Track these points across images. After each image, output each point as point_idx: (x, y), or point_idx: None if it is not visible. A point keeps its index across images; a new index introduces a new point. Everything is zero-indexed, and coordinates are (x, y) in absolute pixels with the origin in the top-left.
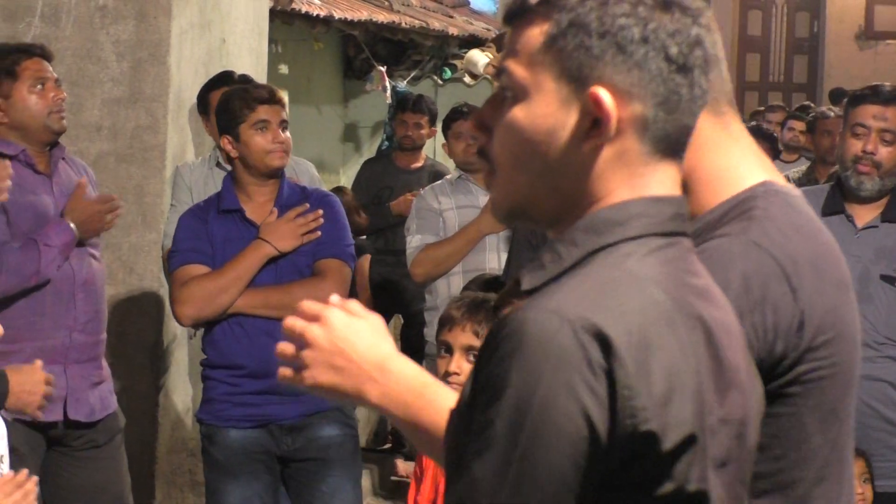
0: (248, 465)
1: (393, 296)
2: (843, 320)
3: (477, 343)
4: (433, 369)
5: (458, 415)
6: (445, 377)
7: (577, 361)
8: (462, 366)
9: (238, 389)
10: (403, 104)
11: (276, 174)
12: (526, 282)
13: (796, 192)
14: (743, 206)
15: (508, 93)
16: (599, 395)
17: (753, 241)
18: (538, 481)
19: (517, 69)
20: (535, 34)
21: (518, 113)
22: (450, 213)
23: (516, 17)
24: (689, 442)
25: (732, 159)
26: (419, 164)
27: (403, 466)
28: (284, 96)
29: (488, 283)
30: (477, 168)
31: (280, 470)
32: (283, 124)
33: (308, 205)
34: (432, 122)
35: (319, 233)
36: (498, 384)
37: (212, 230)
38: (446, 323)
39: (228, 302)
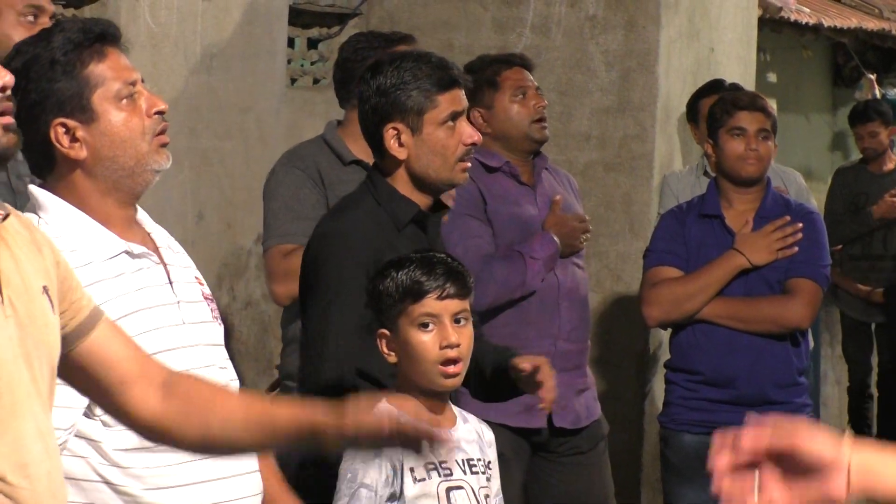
0: (703, 470)
1: None
2: None
3: None
4: None
5: None
6: None
7: None
8: None
9: (694, 395)
10: (852, 118)
11: (751, 182)
12: None
13: None
14: None
15: None
16: None
17: None
18: None
19: None
20: None
21: None
22: None
23: None
24: None
25: None
26: (892, 167)
27: None
28: (772, 106)
29: None
30: None
31: None
32: (763, 133)
33: (788, 218)
34: (888, 123)
35: (796, 249)
36: None
37: (689, 233)
38: None
39: (695, 308)
